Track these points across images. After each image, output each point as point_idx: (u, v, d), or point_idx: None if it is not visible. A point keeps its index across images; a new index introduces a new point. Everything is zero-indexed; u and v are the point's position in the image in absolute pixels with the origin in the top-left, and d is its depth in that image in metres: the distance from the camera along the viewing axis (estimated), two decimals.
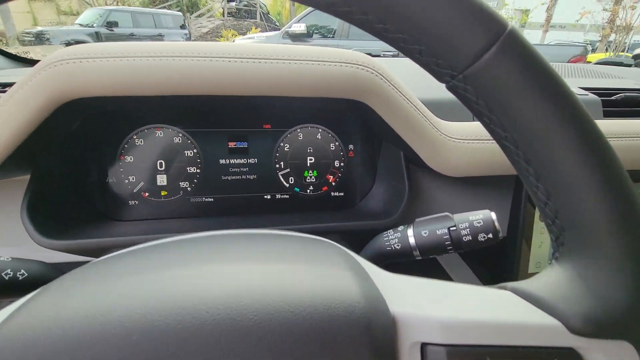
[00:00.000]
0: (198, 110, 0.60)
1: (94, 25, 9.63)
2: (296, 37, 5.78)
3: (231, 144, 0.62)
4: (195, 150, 0.61)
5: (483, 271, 0.72)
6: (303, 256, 0.23)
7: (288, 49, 0.43)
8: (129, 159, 0.59)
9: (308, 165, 0.64)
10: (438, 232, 0.37)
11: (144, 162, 0.59)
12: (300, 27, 5.81)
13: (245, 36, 9.10)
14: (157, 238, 0.45)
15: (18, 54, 0.76)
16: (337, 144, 0.65)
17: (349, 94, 0.44)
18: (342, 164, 0.65)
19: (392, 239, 0.40)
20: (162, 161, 0.60)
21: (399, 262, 0.40)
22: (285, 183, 0.64)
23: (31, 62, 0.78)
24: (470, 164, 0.49)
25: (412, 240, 0.38)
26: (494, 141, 0.21)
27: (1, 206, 0.56)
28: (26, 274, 0.33)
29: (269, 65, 0.42)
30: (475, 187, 0.62)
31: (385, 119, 0.46)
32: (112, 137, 0.58)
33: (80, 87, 0.40)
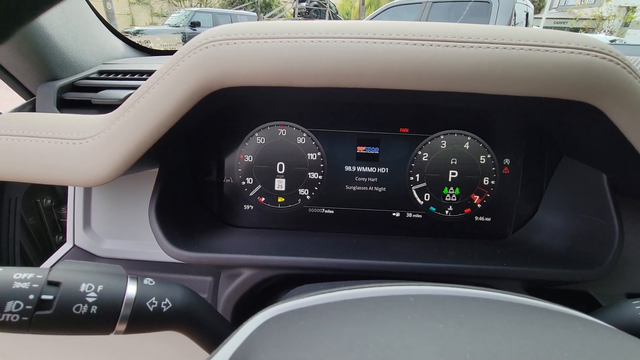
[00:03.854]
0: (326, 107, 0.51)
1: (180, 25, 10.53)
2: None
3: (360, 149, 0.52)
4: (319, 154, 0.52)
5: None
6: None
7: (491, 30, 0.32)
8: (248, 158, 0.52)
9: (449, 180, 0.52)
10: None
11: (263, 164, 0.52)
12: None
13: None
14: (275, 257, 0.37)
15: (140, 43, 0.77)
16: (489, 156, 0.52)
17: (579, 94, 0.31)
18: (493, 182, 0.52)
19: None
20: (282, 163, 0.52)
21: None
22: (419, 200, 0.53)
23: (151, 52, 0.78)
24: None
25: None
26: None
27: (130, 199, 0.54)
28: (170, 305, 0.26)
29: (469, 50, 0.31)
30: None
31: (626, 132, 0.32)
32: (233, 133, 0.52)
33: (232, 74, 0.33)
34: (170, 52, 0.84)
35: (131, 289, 0.25)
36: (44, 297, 0.21)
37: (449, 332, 0.16)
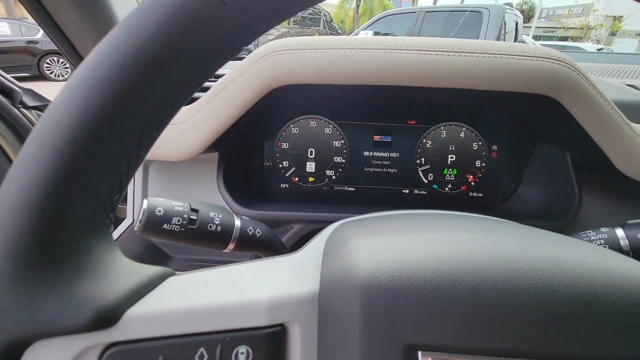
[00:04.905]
0: (349, 103, 0.63)
1: None
2: None
3: (376, 138, 0.64)
4: (342, 141, 0.64)
5: None
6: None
7: (480, 44, 0.44)
8: (284, 145, 0.64)
9: (448, 163, 0.64)
10: None
11: (297, 150, 0.64)
12: (367, 35, 5.84)
13: None
14: (321, 213, 0.49)
15: None
16: (480, 143, 0.64)
17: (543, 90, 0.43)
18: (483, 164, 0.64)
19: (594, 239, 0.38)
20: (313, 149, 0.64)
21: None
22: (424, 179, 0.65)
23: None
24: None
25: (624, 243, 0.36)
26: None
27: (182, 180, 0.65)
28: (260, 233, 0.37)
29: (464, 58, 0.43)
30: None
31: (578, 118, 0.44)
32: (272, 125, 0.64)
33: (292, 74, 0.45)
34: None
35: (237, 220, 0.36)
36: (192, 217, 0.32)
37: (463, 228, 0.27)
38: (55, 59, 7.26)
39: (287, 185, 0.65)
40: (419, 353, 0.17)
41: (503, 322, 0.17)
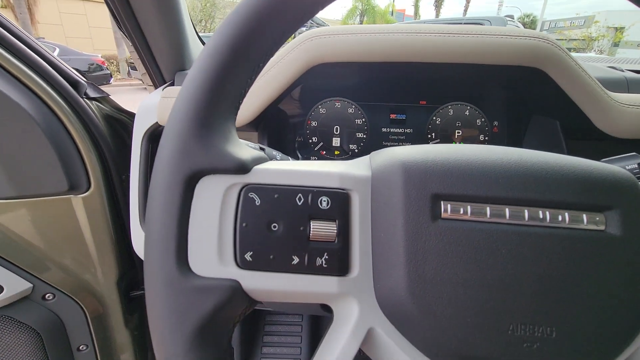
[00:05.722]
0: (369, 86, 0.74)
1: None
2: None
3: (392, 116, 0.75)
4: (363, 119, 0.74)
5: None
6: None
7: (481, 28, 0.55)
8: (314, 123, 0.74)
9: (456, 137, 0.74)
10: (627, 167, 0.44)
11: (324, 127, 0.74)
12: None
13: None
14: None
15: None
16: (483, 120, 0.74)
17: (532, 62, 0.53)
18: (486, 138, 0.74)
19: None
20: (338, 127, 0.74)
21: None
22: None
23: None
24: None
25: None
26: None
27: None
28: None
29: (468, 38, 0.54)
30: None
31: (563, 86, 0.54)
32: (304, 106, 0.74)
33: (327, 54, 0.55)
34: None
35: (292, 160, 0.46)
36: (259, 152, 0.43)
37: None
38: None
39: (316, 158, 0.75)
40: (441, 202, 0.27)
41: (495, 181, 0.27)
